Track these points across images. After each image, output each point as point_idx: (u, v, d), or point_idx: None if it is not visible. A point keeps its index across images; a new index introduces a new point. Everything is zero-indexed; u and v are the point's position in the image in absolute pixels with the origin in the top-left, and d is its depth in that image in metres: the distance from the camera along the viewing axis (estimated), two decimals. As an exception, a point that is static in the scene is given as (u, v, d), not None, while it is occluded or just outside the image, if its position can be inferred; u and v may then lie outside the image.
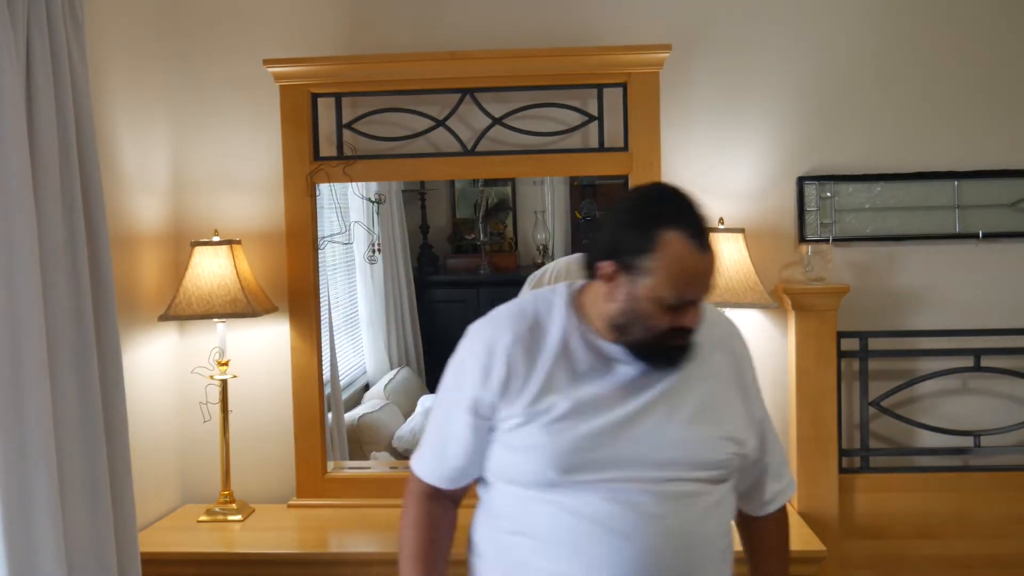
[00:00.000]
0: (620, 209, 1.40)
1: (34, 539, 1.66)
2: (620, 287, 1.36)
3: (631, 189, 1.54)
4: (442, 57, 2.49)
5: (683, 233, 1.33)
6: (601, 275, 1.38)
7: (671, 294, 1.33)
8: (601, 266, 1.38)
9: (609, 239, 1.38)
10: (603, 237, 1.40)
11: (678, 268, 1.33)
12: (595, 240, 1.42)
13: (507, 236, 2.96)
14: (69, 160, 1.81)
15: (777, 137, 2.57)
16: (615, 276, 1.36)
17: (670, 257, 1.32)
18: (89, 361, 1.83)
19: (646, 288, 1.33)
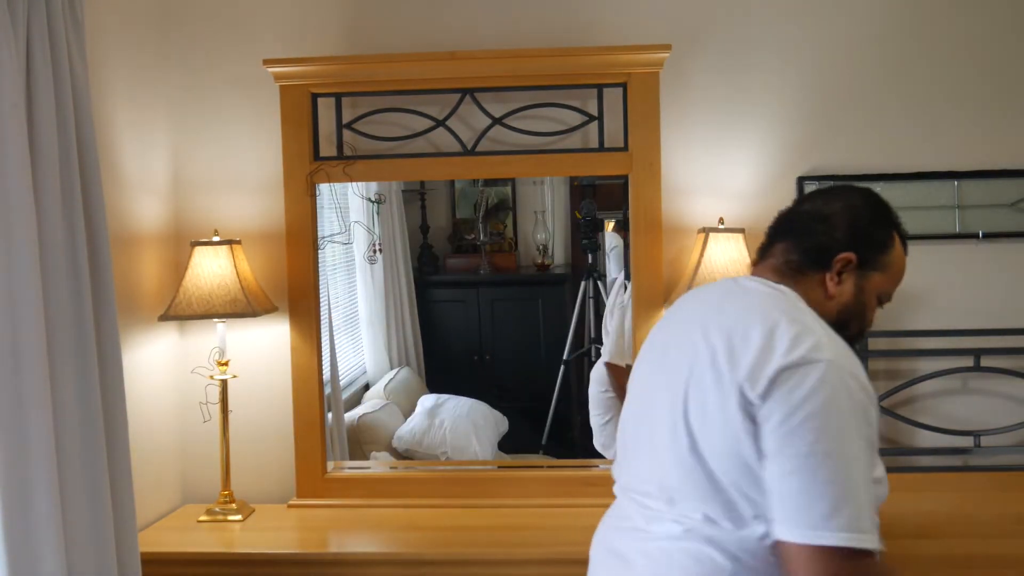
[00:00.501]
0: (857, 206, 1.47)
1: (34, 539, 1.66)
2: (847, 281, 1.43)
3: (843, 189, 1.53)
4: (442, 57, 2.49)
5: (901, 236, 1.49)
6: (838, 265, 1.42)
7: (891, 289, 1.47)
8: (842, 257, 1.42)
9: (850, 234, 1.43)
10: (839, 232, 1.44)
11: (900, 266, 1.48)
12: (826, 234, 1.45)
13: (507, 236, 2.96)
14: (69, 160, 1.81)
15: (777, 137, 2.57)
16: (847, 269, 1.42)
17: (898, 255, 1.47)
18: (89, 361, 1.83)
19: (876, 282, 1.44)
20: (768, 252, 1.52)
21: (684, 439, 1.31)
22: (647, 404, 1.44)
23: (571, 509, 2.48)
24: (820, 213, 1.48)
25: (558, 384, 2.82)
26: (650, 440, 1.40)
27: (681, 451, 1.31)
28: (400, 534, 2.36)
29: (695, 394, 1.31)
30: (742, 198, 2.57)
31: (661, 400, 1.38)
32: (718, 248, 2.42)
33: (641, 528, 1.39)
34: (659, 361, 1.45)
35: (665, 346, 1.46)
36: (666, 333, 1.49)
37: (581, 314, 2.83)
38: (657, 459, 1.37)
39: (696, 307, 1.47)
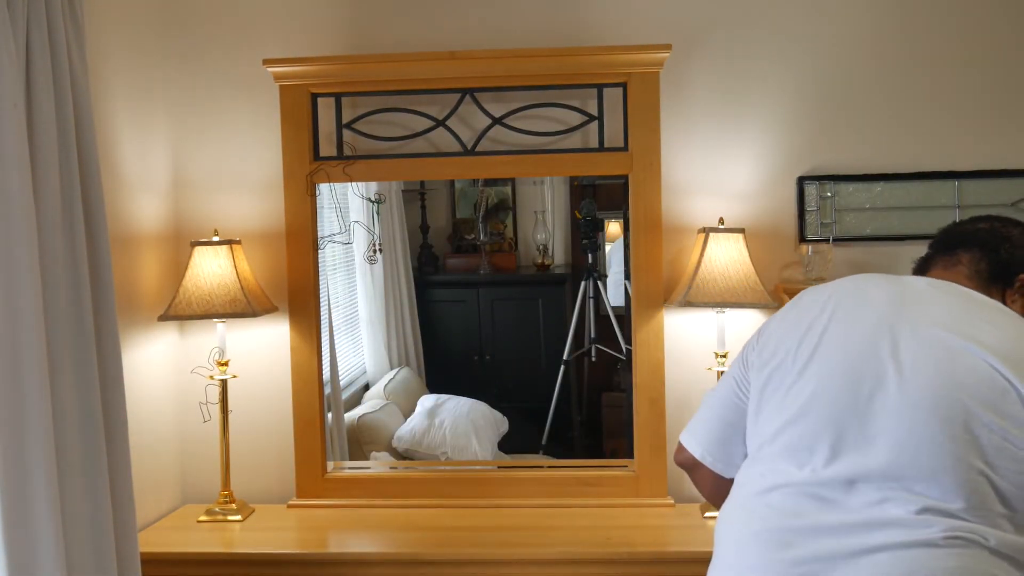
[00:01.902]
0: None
1: (34, 539, 1.66)
2: (1019, 302, 1.48)
3: (1008, 218, 1.59)
4: (442, 57, 2.49)
5: None
6: (1019, 283, 1.48)
7: None
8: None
9: None
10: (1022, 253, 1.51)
11: None
12: (1010, 252, 1.50)
13: (507, 236, 2.96)
14: (69, 160, 1.81)
15: (777, 137, 2.57)
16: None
17: None
18: (89, 361, 1.83)
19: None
20: (955, 259, 1.53)
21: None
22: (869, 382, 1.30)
23: (571, 509, 2.48)
24: (1002, 233, 1.53)
25: (558, 384, 2.82)
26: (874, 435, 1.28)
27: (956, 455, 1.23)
28: (400, 534, 2.36)
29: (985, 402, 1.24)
30: (742, 198, 2.57)
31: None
32: (718, 248, 2.42)
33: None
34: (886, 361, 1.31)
35: (857, 328, 1.35)
36: (846, 312, 1.38)
37: (581, 314, 2.83)
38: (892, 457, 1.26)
39: (896, 294, 1.39)
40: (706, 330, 2.54)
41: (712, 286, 2.38)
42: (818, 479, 1.29)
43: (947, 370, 1.26)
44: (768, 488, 1.34)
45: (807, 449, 1.31)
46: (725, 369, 2.44)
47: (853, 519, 1.25)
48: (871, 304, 1.38)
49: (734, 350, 2.52)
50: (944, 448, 1.22)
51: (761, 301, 2.37)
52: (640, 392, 2.52)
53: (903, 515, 1.22)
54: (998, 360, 1.25)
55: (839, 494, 1.27)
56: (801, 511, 1.29)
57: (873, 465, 1.26)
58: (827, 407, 1.31)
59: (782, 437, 1.35)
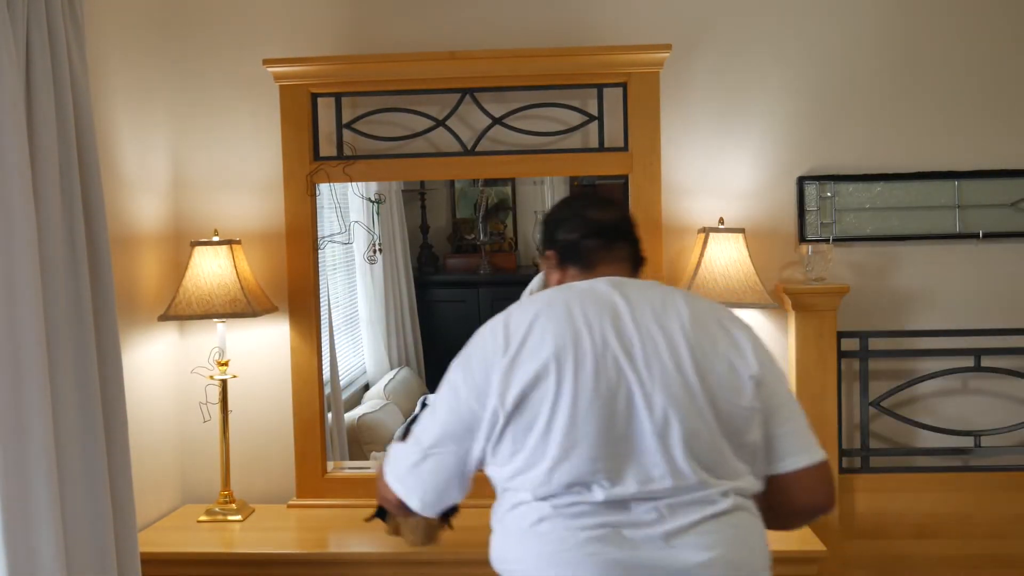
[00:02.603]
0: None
1: (34, 539, 1.66)
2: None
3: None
4: (442, 57, 2.49)
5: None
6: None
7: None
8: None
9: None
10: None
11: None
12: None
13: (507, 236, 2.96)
14: (69, 160, 1.81)
15: (777, 137, 2.57)
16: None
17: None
18: (89, 361, 1.83)
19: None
20: (609, 253, 1.61)
21: (714, 423, 1.41)
22: (622, 405, 1.40)
23: (571, 509, 2.48)
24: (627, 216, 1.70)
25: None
26: (648, 437, 1.39)
27: (713, 435, 1.41)
28: (400, 534, 2.36)
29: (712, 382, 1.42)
30: (742, 198, 2.57)
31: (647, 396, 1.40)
32: (718, 248, 2.42)
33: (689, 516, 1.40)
34: (614, 364, 1.41)
35: (578, 351, 1.41)
36: (554, 341, 1.43)
37: (581, 314, 2.82)
38: (670, 453, 1.39)
39: (594, 309, 1.46)
40: (706, 330, 2.53)
41: (712, 286, 2.38)
42: (610, 497, 1.38)
43: (678, 367, 1.41)
44: (570, 517, 1.40)
45: (589, 476, 1.39)
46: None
47: (654, 516, 1.38)
48: (588, 327, 1.43)
49: (734, 350, 2.52)
50: (701, 433, 1.40)
51: (761, 301, 2.37)
52: (640, 392, 2.51)
53: (695, 497, 1.39)
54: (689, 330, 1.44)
55: (632, 503, 1.39)
56: (606, 529, 1.38)
57: (652, 470, 1.39)
58: (592, 436, 1.38)
59: (557, 474, 1.39)
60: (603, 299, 1.47)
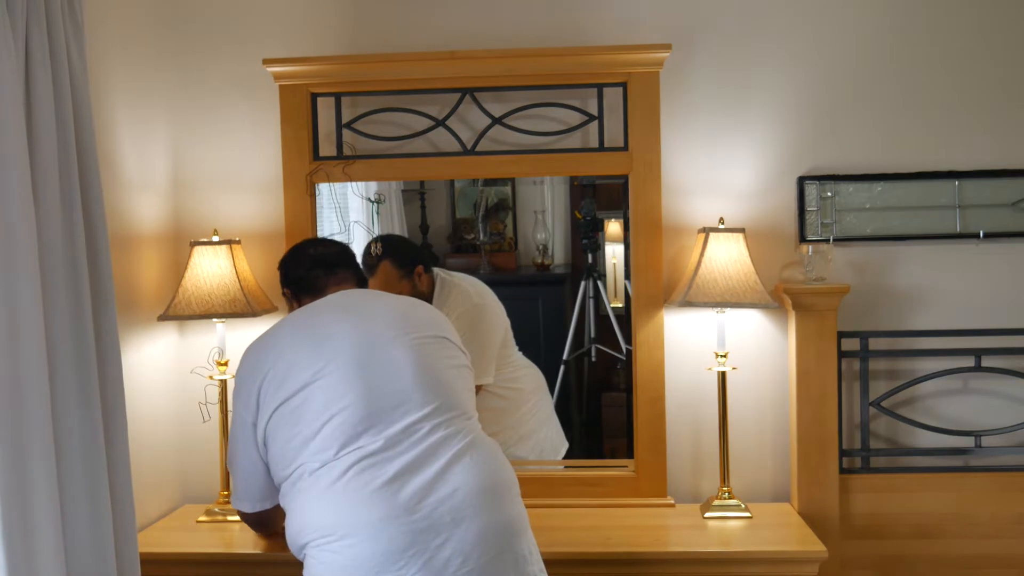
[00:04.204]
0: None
1: (33, 539, 1.66)
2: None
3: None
4: (442, 57, 2.49)
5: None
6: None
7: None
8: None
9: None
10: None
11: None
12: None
13: (507, 236, 2.95)
14: (68, 160, 1.81)
15: (777, 137, 2.57)
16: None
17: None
18: (88, 361, 1.83)
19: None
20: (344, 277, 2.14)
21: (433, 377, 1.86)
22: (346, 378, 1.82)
23: (571, 509, 2.48)
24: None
25: (558, 384, 2.81)
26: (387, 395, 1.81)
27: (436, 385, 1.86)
28: (400, 534, 2.35)
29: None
30: (742, 198, 2.57)
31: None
32: (718, 248, 2.42)
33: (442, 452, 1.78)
34: (364, 346, 1.86)
35: (327, 336, 1.88)
36: (339, 334, 1.88)
37: (581, 314, 2.82)
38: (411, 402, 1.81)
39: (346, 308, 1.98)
40: (706, 330, 2.54)
41: (712, 286, 2.38)
42: (373, 449, 1.75)
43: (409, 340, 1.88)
44: (342, 471, 1.74)
45: (348, 436, 1.76)
46: (726, 369, 2.44)
47: (411, 458, 1.75)
48: (335, 338, 1.87)
49: (734, 350, 2.52)
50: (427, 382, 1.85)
51: (761, 301, 2.37)
52: (640, 392, 2.52)
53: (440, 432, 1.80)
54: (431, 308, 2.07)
55: (393, 451, 1.75)
56: (385, 480, 1.73)
57: (404, 418, 1.79)
58: (354, 407, 1.79)
59: (317, 440, 1.78)
60: (337, 302, 1.98)
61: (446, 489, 1.71)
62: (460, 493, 1.71)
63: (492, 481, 1.77)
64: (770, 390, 2.59)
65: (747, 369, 2.56)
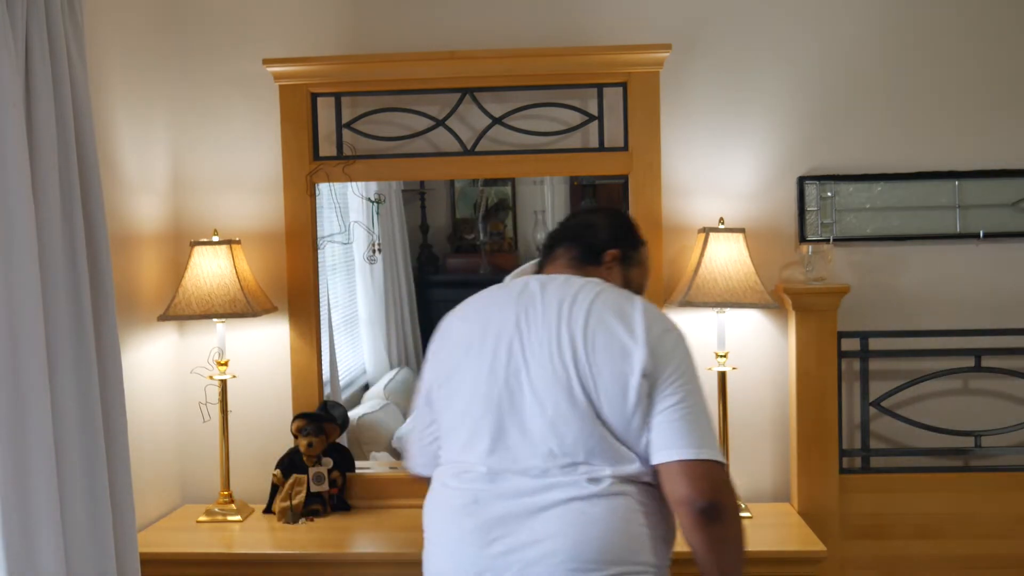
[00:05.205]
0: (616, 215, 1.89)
1: (33, 539, 1.66)
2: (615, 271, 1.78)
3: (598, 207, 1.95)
4: (442, 57, 2.49)
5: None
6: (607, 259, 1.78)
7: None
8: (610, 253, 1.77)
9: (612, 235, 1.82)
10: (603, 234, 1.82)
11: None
12: (597, 236, 1.82)
13: (507, 236, 2.95)
14: (68, 160, 1.81)
15: (777, 137, 2.57)
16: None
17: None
18: (88, 361, 1.83)
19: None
20: (555, 255, 1.81)
21: (586, 410, 1.53)
22: (500, 391, 1.59)
23: (571, 509, 2.48)
24: (585, 222, 1.85)
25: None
26: (525, 419, 1.56)
27: (584, 420, 1.53)
28: (400, 534, 2.36)
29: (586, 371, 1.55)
30: (742, 198, 2.57)
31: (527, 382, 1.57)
32: (718, 248, 2.42)
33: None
34: (510, 345, 1.61)
35: (504, 334, 1.63)
36: (494, 325, 1.65)
37: (581, 314, 2.82)
38: (544, 433, 1.55)
39: (514, 300, 1.67)
40: (706, 330, 2.53)
41: (712, 286, 2.38)
42: (490, 469, 1.56)
43: (560, 354, 1.55)
44: (453, 475, 1.62)
45: (471, 443, 1.60)
46: (726, 369, 2.44)
47: (522, 489, 1.53)
48: (498, 324, 1.65)
49: (734, 350, 2.52)
50: (571, 417, 1.53)
51: (761, 301, 2.37)
52: (640, 392, 2.51)
53: (557, 478, 1.52)
54: (596, 307, 1.58)
55: (508, 475, 1.55)
56: (478, 489, 1.56)
57: (528, 446, 1.55)
58: (484, 416, 1.59)
59: (459, 441, 1.63)
60: (519, 294, 1.68)
61: (526, 536, 1.51)
62: (537, 547, 1.50)
63: (584, 550, 1.48)
64: (770, 390, 2.59)
65: (747, 369, 2.56)
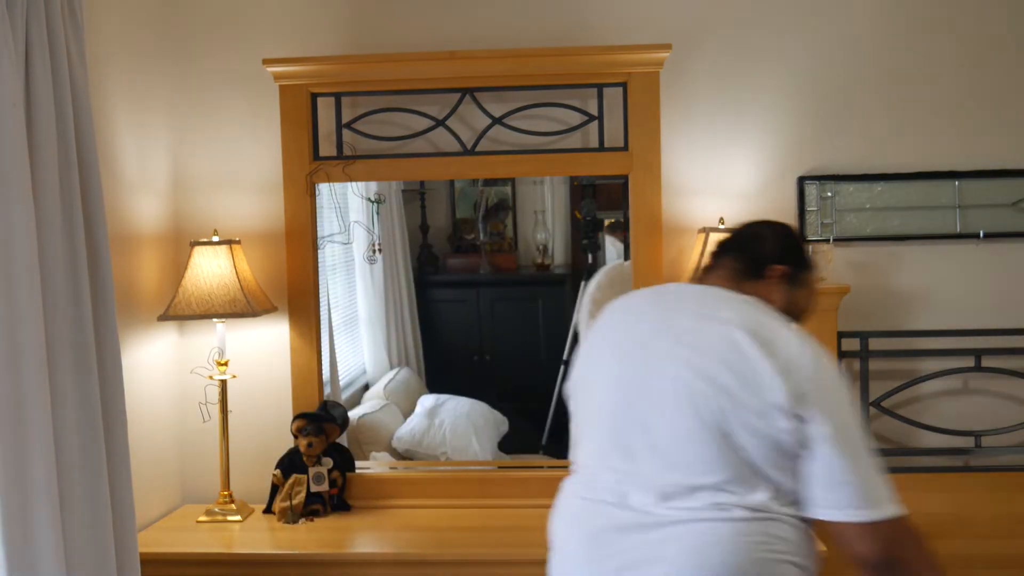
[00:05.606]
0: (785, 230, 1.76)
1: (33, 539, 1.66)
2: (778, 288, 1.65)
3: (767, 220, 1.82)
4: (442, 57, 2.49)
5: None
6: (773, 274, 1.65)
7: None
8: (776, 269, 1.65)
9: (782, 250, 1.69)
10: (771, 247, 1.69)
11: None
12: (763, 249, 1.70)
13: (507, 236, 2.95)
14: (68, 160, 1.81)
15: (777, 137, 2.57)
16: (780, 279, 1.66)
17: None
18: (88, 361, 1.83)
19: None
20: (719, 264, 1.69)
21: (721, 434, 1.42)
22: (645, 394, 1.51)
23: (571, 509, 2.48)
24: (752, 232, 1.74)
25: (558, 384, 2.81)
26: (656, 434, 1.47)
27: (719, 444, 1.43)
28: (400, 534, 2.36)
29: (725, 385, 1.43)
30: (742, 198, 2.57)
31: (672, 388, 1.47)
32: (718, 248, 2.42)
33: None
34: (644, 354, 1.54)
35: (641, 342, 1.55)
36: (634, 330, 1.59)
37: (581, 314, 2.82)
38: (675, 451, 1.46)
39: (664, 307, 1.60)
40: (706, 330, 2.53)
41: (712, 286, 2.37)
42: (616, 479, 1.49)
43: (696, 371, 1.45)
44: (580, 482, 1.57)
45: (602, 455, 1.52)
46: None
47: (647, 505, 1.45)
48: (635, 324, 1.60)
49: (734, 350, 2.52)
50: (703, 439, 1.42)
51: (761, 301, 2.37)
52: (640, 392, 2.51)
53: (685, 498, 1.42)
54: (738, 332, 1.45)
55: (632, 488, 1.46)
56: (605, 504, 1.49)
57: (654, 462, 1.46)
58: (609, 423, 1.53)
59: (587, 447, 1.58)
60: (672, 299, 1.62)
61: (646, 554, 1.44)
62: (656, 567, 1.42)
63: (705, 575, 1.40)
64: (770, 390, 2.58)
65: (747, 369, 2.56)
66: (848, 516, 1.39)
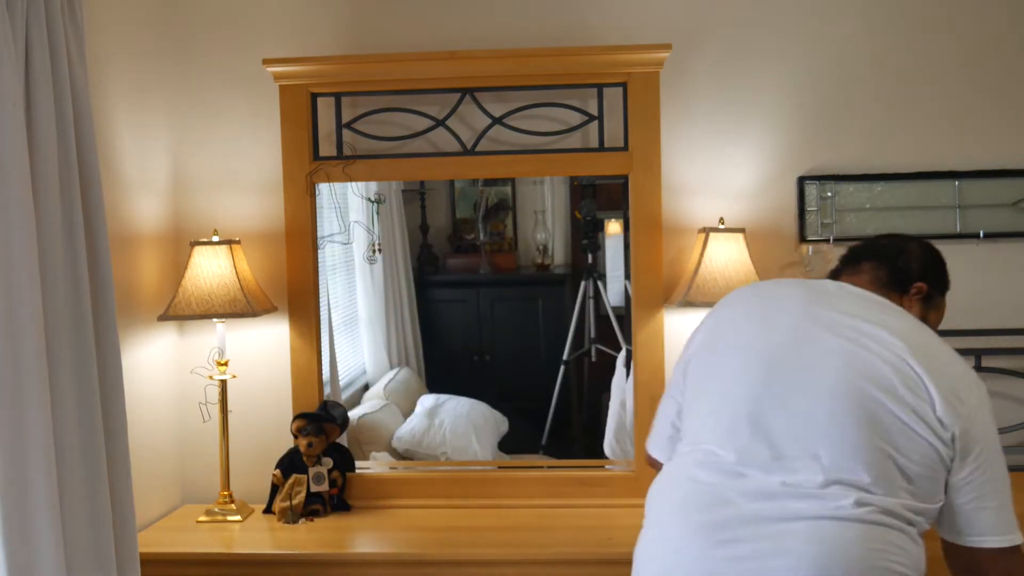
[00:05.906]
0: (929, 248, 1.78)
1: (33, 539, 1.66)
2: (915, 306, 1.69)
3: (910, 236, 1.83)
4: (442, 57, 2.49)
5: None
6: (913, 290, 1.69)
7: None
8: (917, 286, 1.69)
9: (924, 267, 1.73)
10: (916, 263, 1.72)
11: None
12: (910, 264, 1.73)
13: (507, 236, 2.95)
14: (68, 160, 1.81)
15: (777, 137, 2.57)
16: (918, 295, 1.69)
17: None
18: (88, 361, 1.83)
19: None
20: (859, 269, 1.71)
21: (872, 431, 1.42)
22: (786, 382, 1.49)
23: (571, 509, 2.48)
24: (900, 246, 1.74)
25: (558, 384, 2.82)
26: (795, 419, 1.46)
27: (868, 440, 1.42)
28: (400, 534, 2.36)
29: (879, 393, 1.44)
30: (742, 198, 2.57)
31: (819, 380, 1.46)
32: (718, 248, 2.42)
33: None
34: (791, 340, 1.52)
35: (788, 327, 1.54)
36: (775, 317, 1.57)
37: (581, 314, 2.83)
38: (814, 439, 1.44)
39: (806, 293, 1.59)
40: (706, 330, 2.53)
41: (712, 286, 2.38)
42: (740, 459, 1.46)
43: (853, 359, 1.45)
44: (696, 462, 1.52)
45: (729, 432, 1.49)
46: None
47: (772, 492, 1.41)
48: (781, 303, 1.59)
49: (734, 350, 2.52)
50: (852, 430, 1.41)
51: (761, 301, 2.37)
52: (640, 392, 2.51)
53: (816, 489, 1.40)
54: (901, 343, 1.45)
55: (757, 471, 1.44)
56: (722, 486, 1.46)
57: (790, 446, 1.44)
58: (745, 396, 1.50)
59: (708, 422, 1.54)
60: (815, 289, 1.60)
61: (766, 546, 1.40)
62: (777, 560, 1.38)
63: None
64: (770, 390, 2.58)
65: (747, 369, 2.56)
66: (987, 542, 1.44)
